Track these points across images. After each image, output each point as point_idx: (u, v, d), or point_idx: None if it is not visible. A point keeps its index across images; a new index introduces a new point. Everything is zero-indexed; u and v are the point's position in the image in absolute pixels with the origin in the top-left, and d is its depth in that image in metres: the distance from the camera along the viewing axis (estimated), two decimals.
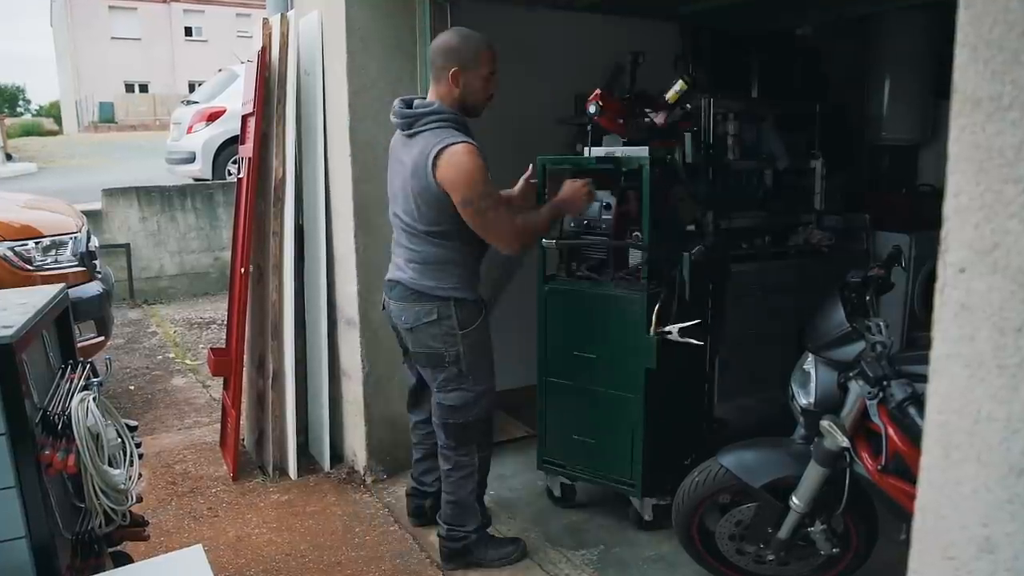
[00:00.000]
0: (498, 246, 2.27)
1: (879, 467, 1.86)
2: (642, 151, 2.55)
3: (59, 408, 1.75)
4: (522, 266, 3.25)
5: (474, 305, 2.30)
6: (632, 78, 2.67)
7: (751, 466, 2.11)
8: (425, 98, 2.26)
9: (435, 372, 2.31)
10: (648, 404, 2.52)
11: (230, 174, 8.11)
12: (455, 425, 2.33)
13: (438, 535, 2.50)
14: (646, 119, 2.58)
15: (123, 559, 2.02)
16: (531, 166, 2.59)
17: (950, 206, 0.88)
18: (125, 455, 1.92)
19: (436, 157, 2.09)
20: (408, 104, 2.24)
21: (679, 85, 2.53)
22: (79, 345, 2.27)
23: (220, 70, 9.66)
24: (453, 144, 2.10)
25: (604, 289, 2.60)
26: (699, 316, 2.40)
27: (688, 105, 2.59)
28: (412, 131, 2.19)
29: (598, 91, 2.57)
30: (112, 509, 1.83)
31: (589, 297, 2.63)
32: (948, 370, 0.90)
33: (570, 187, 2.39)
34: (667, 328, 2.37)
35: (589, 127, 2.71)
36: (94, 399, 1.81)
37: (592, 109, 2.53)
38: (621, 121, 2.56)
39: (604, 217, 2.61)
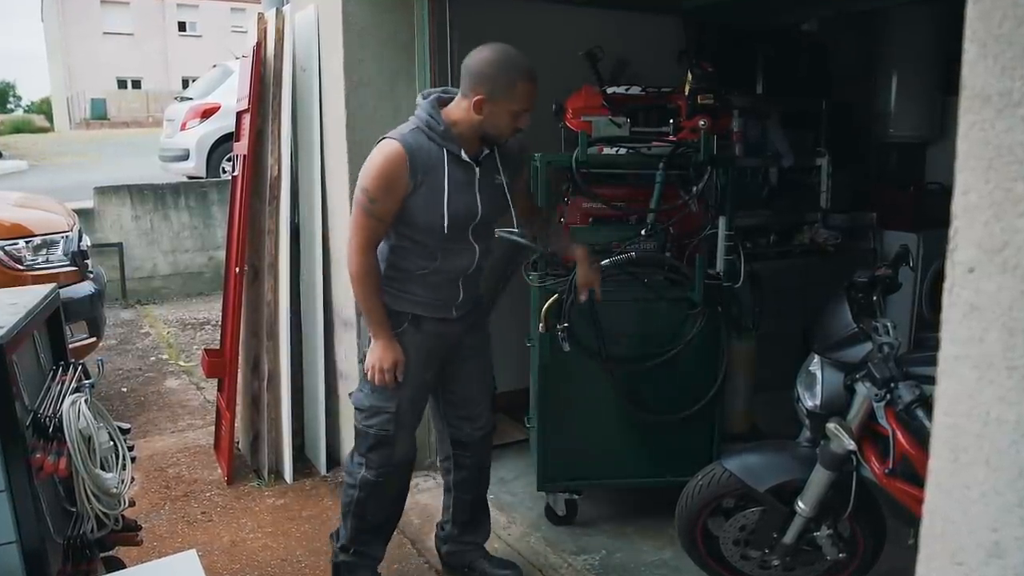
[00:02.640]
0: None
1: (886, 470, 1.85)
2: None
3: (50, 410, 1.73)
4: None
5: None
6: (597, 75, 2.66)
7: (756, 470, 2.09)
8: (451, 93, 2.04)
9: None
10: (541, 398, 2.58)
11: (224, 172, 8.05)
12: (355, 424, 2.18)
13: None
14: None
15: (115, 564, 2.00)
16: None
17: (958, 204, 0.86)
18: (117, 458, 1.90)
19: None
20: (425, 96, 2.05)
21: (688, 76, 2.57)
22: (71, 346, 2.24)
23: (214, 66, 9.61)
24: (384, 138, 1.97)
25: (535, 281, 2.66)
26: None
27: (708, 99, 2.57)
28: None
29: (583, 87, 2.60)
30: (104, 513, 1.82)
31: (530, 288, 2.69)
32: (956, 372, 0.89)
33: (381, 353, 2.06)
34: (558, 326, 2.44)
35: (561, 125, 2.72)
36: (86, 401, 1.79)
37: (554, 109, 2.59)
38: (584, 119, 2.59)
39: None
